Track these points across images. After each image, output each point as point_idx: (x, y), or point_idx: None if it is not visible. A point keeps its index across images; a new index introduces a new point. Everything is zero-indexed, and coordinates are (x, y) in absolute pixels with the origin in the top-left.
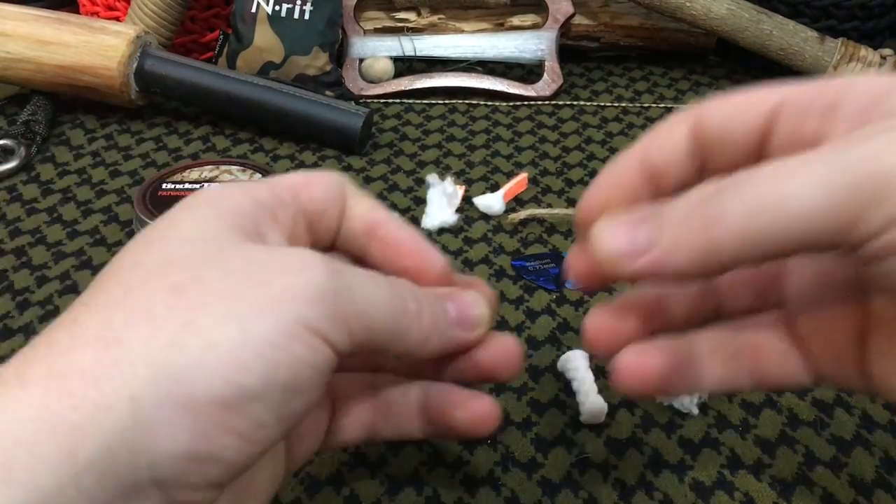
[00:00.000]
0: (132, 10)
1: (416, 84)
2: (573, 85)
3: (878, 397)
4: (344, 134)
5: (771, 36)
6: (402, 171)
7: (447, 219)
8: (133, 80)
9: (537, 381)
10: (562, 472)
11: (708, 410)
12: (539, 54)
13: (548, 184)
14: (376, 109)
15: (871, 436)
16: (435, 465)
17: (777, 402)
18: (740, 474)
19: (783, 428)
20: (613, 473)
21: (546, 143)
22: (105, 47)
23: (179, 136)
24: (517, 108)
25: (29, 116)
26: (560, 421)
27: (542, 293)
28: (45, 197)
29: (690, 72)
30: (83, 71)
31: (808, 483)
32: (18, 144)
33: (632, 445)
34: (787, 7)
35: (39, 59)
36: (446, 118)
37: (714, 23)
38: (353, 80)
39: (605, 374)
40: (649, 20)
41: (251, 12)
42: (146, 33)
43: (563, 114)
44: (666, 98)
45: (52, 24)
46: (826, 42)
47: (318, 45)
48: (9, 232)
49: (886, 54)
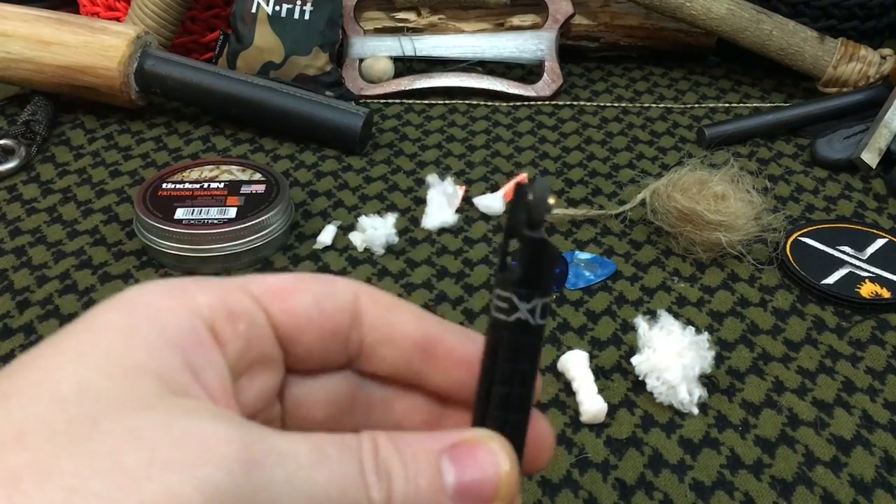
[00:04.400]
0: (132, 11)
1: (416, 84)
2: (573, 85)
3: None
4: (344, 134)
5: (771, 36)
6: (402, 171)
7: (447, 219)
8: (133, 80)
9: None
10: (562, 472)
11: (708, 410)
12: (539, 54)
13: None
14: (376, 109)
15: (871, 436)
16: None
17: (777, 402)
18: (740, 474)
19: (783, 428)
20: (613, 473)
21: (546, 143)
22: (105, 47)
23: (179, 136)
24: (517, 108)
25: (29, 116)
26: (560, 421)
27: None
28: (45, 197)
29: (690, 72)
30: (83, 71)
31: (808, 483)
32: (18, 144)
33: (632, 445)
34: (787, 7)
35: (40, 60)
36: (446, 118)
37: (714, 23)
38: (353, 80)
39: (605, 374)
40: (649, 20)
41: (251, 12)
42: (146, 34)
43: (563, 114)
44: (666, 98)
45: (53, 24)
46: (826, 42)
47: (318, 45)
48: (9, 232)
49: (886, 54)
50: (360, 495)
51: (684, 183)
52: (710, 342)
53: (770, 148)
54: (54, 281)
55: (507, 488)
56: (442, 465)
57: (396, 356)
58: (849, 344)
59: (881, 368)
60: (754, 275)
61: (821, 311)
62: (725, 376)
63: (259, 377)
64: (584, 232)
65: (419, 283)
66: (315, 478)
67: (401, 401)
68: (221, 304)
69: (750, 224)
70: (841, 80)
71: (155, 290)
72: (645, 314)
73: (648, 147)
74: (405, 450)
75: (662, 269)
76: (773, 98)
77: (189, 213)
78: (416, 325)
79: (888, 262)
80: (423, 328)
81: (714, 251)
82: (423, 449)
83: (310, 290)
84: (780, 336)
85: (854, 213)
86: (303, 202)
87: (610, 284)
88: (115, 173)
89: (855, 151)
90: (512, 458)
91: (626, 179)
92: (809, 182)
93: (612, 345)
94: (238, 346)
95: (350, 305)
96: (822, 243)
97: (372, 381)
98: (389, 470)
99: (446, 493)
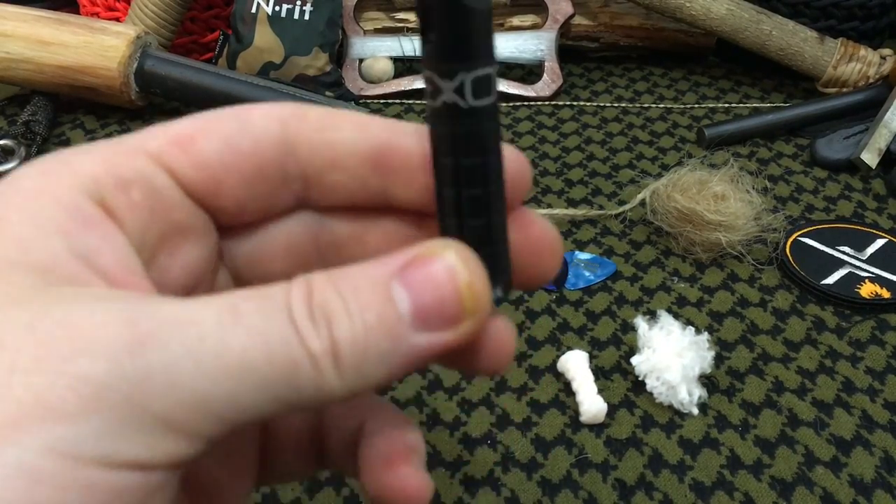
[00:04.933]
0: (132, 11)
1: (416, 84)
2: (573, 85)
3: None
4: None
5: (770, 36)
6: None
7: None
8: (133, 80)
9: (537, 381)
10: (562, 473)
11: (708, 410)
12: (539, 54)
13: (548, 184)
14: (376, 109)
15: (871, 436)
16: (435, 465)
17: (777, 402)
18: (740, 474)
19: (783, 428)
20: (613, 473)
21: (546, 143)
22: (105, 48)
23: None
24: (517, 109)
25: (29, 117)
26: (560, 421)
27: (542, 293)
28: None
29: (690, 72)
30: (83, 71)
31: (808, 483)
32: (18, 144)
33: (632, 445)
34: (787, 7)
35: (40, 60)
36: None
37: (714, 23)
38: (353, 81)
39: (605, 374)
40: (649, 20)
41: (251, 13)
42: (146, 34)
43: (562, 114)
44: (666, 98)
45: (53, 24)
46: (826, 42)
47: (318, 45)
48: None
49: (886, 54)
50: (294, 350)
51: (684, 183)
52: (709, 342)
53: (770, 148)
54: None
55: (473, 300)
56: (393, 292)
57: (348, 179)
58: (849, 344)
59: (881, 368)
60: (754, 275)
61: (821, 311)
62: (725, 376)
63: (182, 249)
64: (583, 232)
65: None
66: (227, 342)
67: (371, 232)
68: (109, 172)
69: (750, 224)
70: (841, 80)
71: (29, 172)
72: (645, 314)
73: (648, 147)
74: (344, 284)
75: (662, 270)
76: (773, 98)
77: None
78: (360, 138)
79: (888, 263)
80: (369, 139)
81: (714, 251)
82: (367, 278)
83: (217, 132)
84: (779, 336)
85: (854, 213)
86: None
87: (610, 284)
88: None
89: (855, 151)
90: (471, 263)
91: (625, 179)
92: (809, 182)
93: (611, 345)
94: (139, 217)
95: (273, 136)
96: (822, 243)
97: (334, 218)
98: (328, 311)
99: (404, 323)
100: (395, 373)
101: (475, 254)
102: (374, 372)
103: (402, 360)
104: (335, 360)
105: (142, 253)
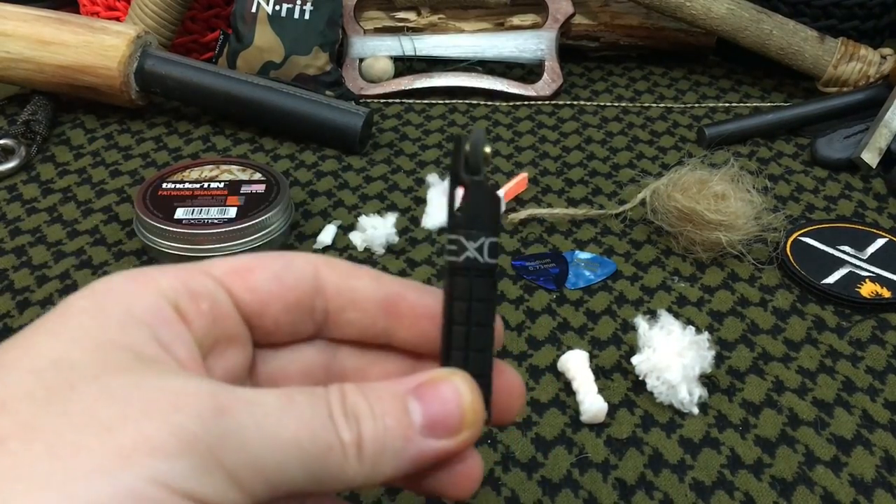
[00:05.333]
0: (132, 11)
1: (416, 84)
2: (573, 85)
3: None
4: (344, 134)
5: (771, 35)
6: (402, 171)
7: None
8: (133, 80)
9: (537, 381)
10: (562, 472)
11: (708, 410)
12: (539, 54)
13: (548, 184)
14: (376, 109)
15: (871, 436)
16: None
17: (777, 402)
18: (740, 474)
19: (783, 428)
20: (614, 473)
21: (546, 143)
22: (105, 47)
23: (179, 135)
24: (517, 108)
25: (29, 116)
26: (560, 421)
27: (542, 293)
28: (45, 197)
29: (690, 72)
30: (83, 71)
31: (809, 483)
32: (19, 144)
33: (632, 445)
34: (787, 7)
35: (40, 59)
36: (446, 118)
37: (714, 22)
38: (353, 80)
39: (606, 373)
40: (649, 20)
41: (251, 12)
42: (146, 33)
43: (563, 113)
44: (666, 98)
45: (53, 24)
46: (826, 41)
47: (318, 44)
48: (9, 232)
49: (886, 53)
50: (331, 437)
51: (684, 183)
52: (710, 342)
53: (770, 148)
54: (54, 281)
55: (473, 416)
56: (408, 404)
57: (362, 318)
58: (849, 344)
59: (881, 368)
60: (754, 274)
61: (821, 310)
62: (725, 376)
63: (227, 354)
64: (584, 232)
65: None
66: (284, 422)
67: (375, 367)
68: (184, 285)
69: (750, 224)
70: (841, 79)
71: (119, 277)
72: (645, 314)
73: (648, 147)
74: (371, 394)
75: (662, 269)
76: (773, 98)
77: (189, 212)
78: (376, 287)
79: (888, 262)
80: (383, 288)
81: (714, 251)
82: (389, 392)
83: (268, 267)
84: (780, 336)
85: (854, 212)
86: (303, 202)
87: (610, 284)
88: (115, 173)
89: (855, 151)
90: (473, 388)
91: (626, 179)
92: (809, 182)
93: (612, 344)
94: (203, 323)
95: (310, 276)
96: (823, 243)
97: (344, 350)
98: (357, 412)
99: (415, 429)
100: (402, 468)
101: (475, 380)
102: (387, 464)
103: (410, 458)
104: (358, 451)
105: (201, 350)
